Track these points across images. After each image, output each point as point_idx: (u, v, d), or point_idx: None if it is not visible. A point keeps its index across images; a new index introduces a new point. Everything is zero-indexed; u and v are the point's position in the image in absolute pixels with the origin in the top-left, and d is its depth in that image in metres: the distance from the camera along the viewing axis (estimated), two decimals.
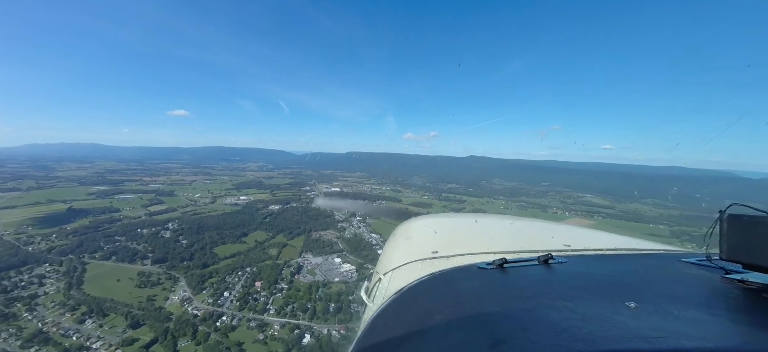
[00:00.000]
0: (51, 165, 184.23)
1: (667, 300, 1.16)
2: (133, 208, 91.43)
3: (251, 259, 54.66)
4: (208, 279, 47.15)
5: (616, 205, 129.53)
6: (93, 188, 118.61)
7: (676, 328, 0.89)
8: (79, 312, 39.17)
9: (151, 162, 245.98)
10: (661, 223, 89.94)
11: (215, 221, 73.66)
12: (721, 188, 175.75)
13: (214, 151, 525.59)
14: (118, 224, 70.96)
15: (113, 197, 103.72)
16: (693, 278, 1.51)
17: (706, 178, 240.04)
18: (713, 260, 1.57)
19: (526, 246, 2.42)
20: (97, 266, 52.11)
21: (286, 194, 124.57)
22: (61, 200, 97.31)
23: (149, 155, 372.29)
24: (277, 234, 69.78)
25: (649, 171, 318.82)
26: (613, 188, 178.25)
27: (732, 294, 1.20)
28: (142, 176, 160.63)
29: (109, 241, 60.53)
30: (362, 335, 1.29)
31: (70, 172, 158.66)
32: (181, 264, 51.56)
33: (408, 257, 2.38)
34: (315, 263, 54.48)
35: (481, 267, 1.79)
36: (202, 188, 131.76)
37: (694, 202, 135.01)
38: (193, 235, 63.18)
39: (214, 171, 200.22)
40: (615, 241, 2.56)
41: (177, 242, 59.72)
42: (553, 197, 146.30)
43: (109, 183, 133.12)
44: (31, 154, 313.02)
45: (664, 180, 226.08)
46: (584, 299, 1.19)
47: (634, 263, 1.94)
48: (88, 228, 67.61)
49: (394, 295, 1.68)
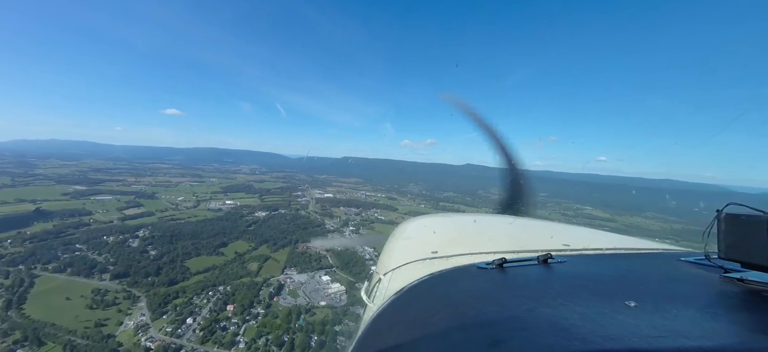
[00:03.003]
0: (34, 162, 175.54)
1: (667, 299, 1.17)
2: (107, 211, 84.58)
3: (227, 275, 48.46)
4: (172, 300, 40.88)
5: (618, 218, 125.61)
6: (70, 188, 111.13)
7: (676, 327, 0.89)
8: (10, 340, 32.71)
9: (141, 161, 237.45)
10: (666, 237, 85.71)
11: (192, 229, 67.22)
12: (718, 203, 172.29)
13: (208, 152, 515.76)
14: (84, 230, 64.18)
15: (89, 198, 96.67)
16: (692, 277, 1.51)
17: (701, 192, 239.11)
18: (712, 259, 1.55)
19: (526, 246, 2.41)
20: (48, 279, 45.53)
21: (276, 199, 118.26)
22: (30, 199, 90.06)
23: (140, 155, 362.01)
24: (260, 245, 63.60)
25: (643, 183, 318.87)
26: (612, 201, 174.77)
27: (731, 293, 1.21)
28: (127, 175, 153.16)
29: (68, 249, 53.93)
30: (362, 336, 1.31)
31: (52, 170, 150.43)
32: (144, 280, 45.16)
33: (408, 257, 2.38)
34: (298, 282, 48.41)
35: (481, 267, 1.80)
36: (187, 191, 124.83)
37: (694, 216, 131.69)
38: (165, 244, 56.75)
39: (204, 173, 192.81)
40: (614, 240, 2.55)
41: (144, 253, 53.27)
42: (553, 209, 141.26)
43: (89, 182, 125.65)
44: (17, 150, 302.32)
45: (659, 193, 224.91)
46: (584, 299, 1.20)
47: (633, 263, 1.93)
48: (49, 233, 60.83)
49: (393, 295, 1.69)
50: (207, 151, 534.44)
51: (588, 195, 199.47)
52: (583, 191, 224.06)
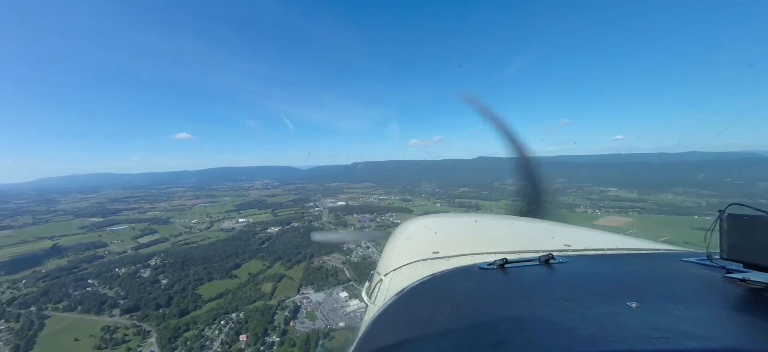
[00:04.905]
0: (56, 198, 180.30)
1: (669, 300, 1.16)
2: (121, 241, 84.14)
3: (240, 300, 45.77)
4: (183, 332, 38.39)
5: (647, 197, 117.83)
6: (87, 220, 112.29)
7: (679, 328, 0.88)
8: None
9: (158, 187, 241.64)
10: (706, 213, 78.65)
11: (205, 252, 65.27)
12: (753, 171, 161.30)
13: (221, 171, 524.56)
14: (97, 263, 63.13)
15: (104, 229, 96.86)
16: (694, 277, 1.50)
17: (730, 161, 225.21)
18: (714, 260, 1.55)
19: (527, 246, 2.40)
20: (59, 319, 43.91)
21: (288, 212, 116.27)
22: (49, 236, 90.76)
23: (157, 180, 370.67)
24: (274, 263, 61.00)
25: (667, 158, 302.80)
26: (636, 180, 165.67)
27: (734, 294, 1.20)
28: (144, 202, 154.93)
29: (80, 285, 52.52)
30: (363, 336, 1.30)
31: (71, 205, 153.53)
32: (155, 313, 42.95)
33: (409, 258, 2.37)
34: (316, 302, 45.23)
35: (482, 267, 1.79)
36: (201, 212, 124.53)
37: (727, 186, 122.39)
38: (176, 272, 54.75)
39: (217, 192, 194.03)
40: (616, 241, 2.55)
41: (155, 283, 51.32)
42: (575, 195, 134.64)
43: (107, 213, 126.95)
44: (41, 188, 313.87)
45: (685, 167, 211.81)
46: (586, 300, 1.19)
47: (635, 263, 1.91)
48: (62, 270, 59.91)
49: (395, 296, 1.69)
50: (220, 170, 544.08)
51: (609, 176, 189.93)
52: (602, 172, 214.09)
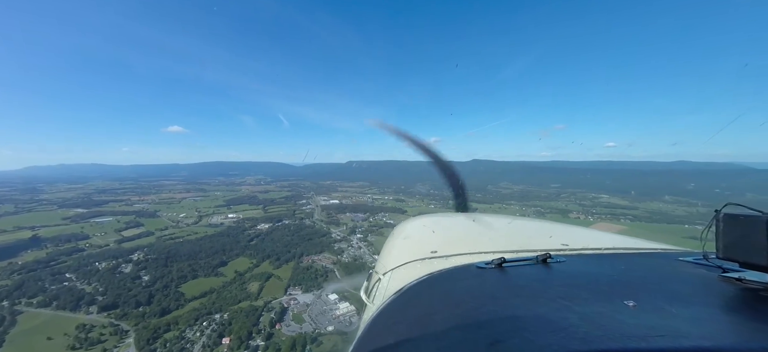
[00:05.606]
0: (42, 187, 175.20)
1: (666, 299, 1.16)
2: (104, 233, 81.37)
3: (224, 299, 44.07)
4: (163, 333, 36.62)
5: (638, 205, 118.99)
6: (71, 211, 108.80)
7: (675, 326, 0.90)
8: None
9: (148, 179, 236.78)
10: (696, 223, 79.16)
11: (191, 248, 63.22)
12: (740, 182, 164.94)
13: (213, 166, 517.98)
14: (77, 256, 60.67)
15: (88, 221, 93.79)
16: (691, 276, 1.51)
17: (719, 171, 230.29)
18: (710, 259, 1.54)
19: (525, 246, 2.40)
20: (32, 316, 41.71)
21: (280, 209, 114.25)
22: (29, 226, 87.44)
23: (147, 173, 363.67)
24: (262, 261, 59.28)
25: (656, 167, 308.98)
26: (626, 187, 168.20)
27: (730, 293, 1.21)
28: (132, 195, 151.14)
29: (57, 280, 50.23)
30: (362, 336, 1.30)
31: (57, 195, 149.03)
32: (134, 311, 41.03)
33: (407, 257, 2.36)
34: (304, 303, 43.72)
35: (480, 267, 1.79)
36: (190, 206, 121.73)
37: (716, 197, 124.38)
38: (159, 268, 52.68)
39: (208, 187, 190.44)
40: (613, 240, 2.55)
41: (136, 280, 49.21)
42: (568, 200, 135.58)
43: (93, 204, 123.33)
44: (27, 177, 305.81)
45: (675, 176, 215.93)
46: (583, 299, 1.20)
47: (632, 263, 1.91)
48: (39, 262, 57.38)
49: (393, 295, 1.69)
50: (212, 165, 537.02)
51: (601, 183, 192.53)
52: (595, 179, 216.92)
